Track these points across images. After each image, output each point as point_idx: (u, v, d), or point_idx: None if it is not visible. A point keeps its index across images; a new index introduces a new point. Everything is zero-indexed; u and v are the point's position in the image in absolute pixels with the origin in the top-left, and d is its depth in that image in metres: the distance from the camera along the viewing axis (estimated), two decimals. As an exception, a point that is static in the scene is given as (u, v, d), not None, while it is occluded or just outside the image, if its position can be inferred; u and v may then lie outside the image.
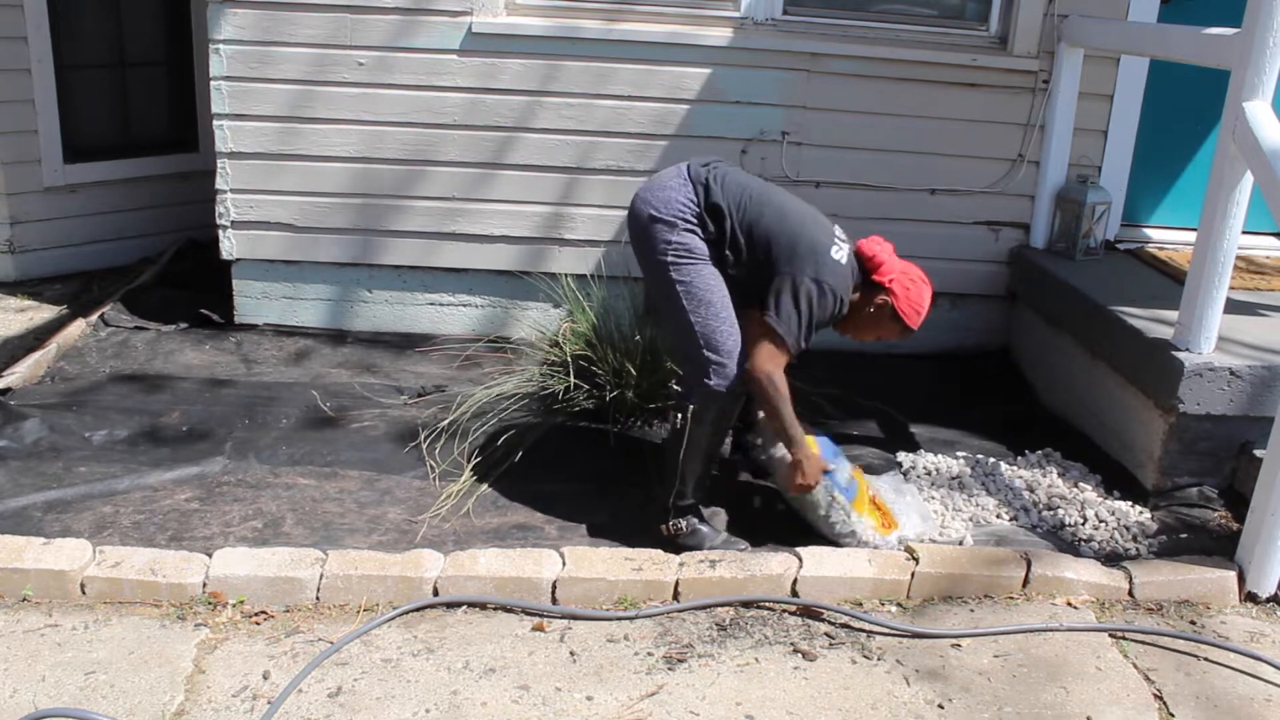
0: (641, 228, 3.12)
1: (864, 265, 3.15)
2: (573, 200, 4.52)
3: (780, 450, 3.18)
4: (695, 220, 3.08)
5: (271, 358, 4.40)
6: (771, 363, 3.00)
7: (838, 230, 3.16)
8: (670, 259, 3.06)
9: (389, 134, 4.44)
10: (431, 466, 3.57)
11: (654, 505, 3.23)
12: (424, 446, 3.68)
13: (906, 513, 3.33)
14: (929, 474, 3.68)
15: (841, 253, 3.08)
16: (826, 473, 3.15)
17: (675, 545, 3.13)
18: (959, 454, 3.83)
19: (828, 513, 3.17)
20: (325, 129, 4.42)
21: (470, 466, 3.55)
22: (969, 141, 4.56)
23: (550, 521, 3.33)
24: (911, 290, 3.14)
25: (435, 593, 2.90)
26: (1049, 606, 3.05)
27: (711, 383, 3.04)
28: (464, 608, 2.89)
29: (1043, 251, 4.60)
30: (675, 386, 3.69)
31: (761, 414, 3.21)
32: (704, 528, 3.20)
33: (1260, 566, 3.09)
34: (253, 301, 4.64)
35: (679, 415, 3.08)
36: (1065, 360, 4.20)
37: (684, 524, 3.17)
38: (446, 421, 3.76)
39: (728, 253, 3.09)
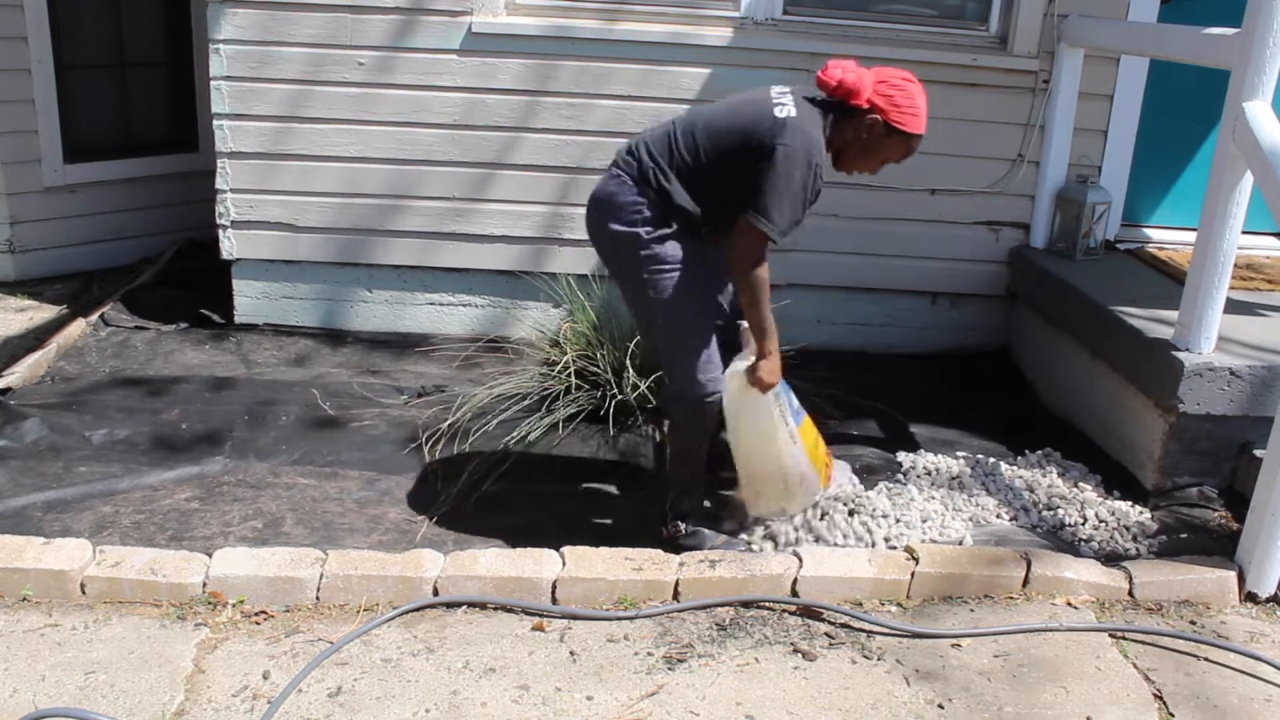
0: (608, 241, 2.99)
1: (835, 97, 2.85)
2: (573, 200, 4.52)
3: (738, 364, 3.04)
4: (658, 219, 2.92)
5: (271, 357, 4.40)
6: (751, 261, 2.81)
7: (775, 90, 2.88)
8: (645, 275, 2.94)
9: (389, 134, 4.44)
10: (432, 466, 3.57)
11: (654, 506, 3.22)
12: (424, 446, 3.68)
13: (840, 470, 3.38)
14: (929, 474, 3.68)
15: (787, 108, 2.78)
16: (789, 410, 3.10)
17: (676, 546, 3.13)
18: (959, 454, 3.83)
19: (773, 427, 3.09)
20: (325, 129, 4.42)
21: (470, 467, 3.55)
22: (969, 141, 4.56)
23: (550, 521, 3.33)
24: (898, 94, 2.83)
25: (435, 593, 2.90)
26: (1049, 606, 3.05)
27: (684, 391, 2.99)
28: (464, 607, 2.89)
29: (1043, 251, 4.60)
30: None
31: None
32: (704, 529, 3.19)
33: (1260, 566, 3.09)
34: (252, 301, 4.64)
35: (665, 421, 3.03)
36: (1065, 360, 4.20)
37: (683, 525, 3.17)
38: (447, 422, 3.77)
39: (699, 216, 2.90)
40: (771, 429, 3.11)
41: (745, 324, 2.99)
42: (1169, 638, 2.94)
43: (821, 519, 3.26)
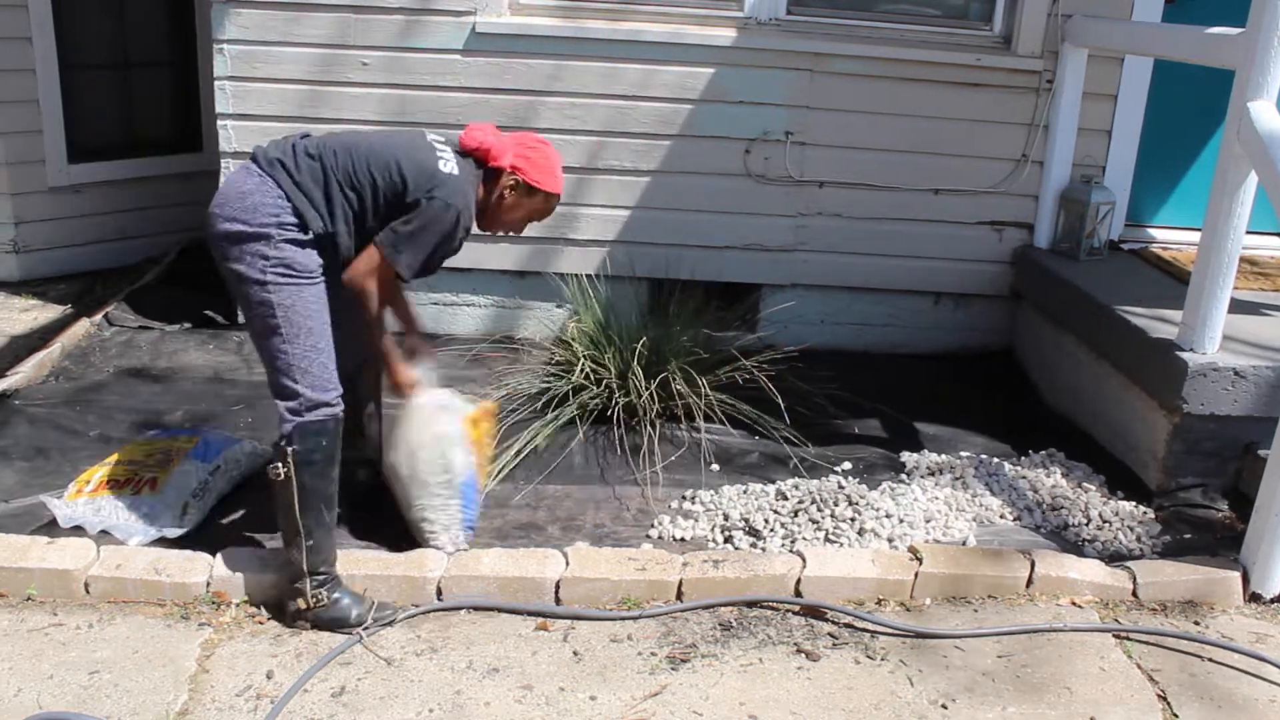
0: (227, 244, 2.70)
1: (477, 159, 2.89)
2: (577, 200, 4.52)
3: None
4: (294, 224, 2.70)
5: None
6: (369, 278, 2.76)
7: (436, 141, 2.88)
8: (270, 279, 2.68)
9: (393, 134, 4.44)
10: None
11: (289, 569, 2.79)
12: (312, 423, 3.64)
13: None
14: (932, 473, 3.68)
15: (450, 164, 2.80)
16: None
17: (312, 620, 2.77)
18: (962, 454, 3.83)
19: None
20: (329, 129, 4.40)
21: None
22: (973, 141, 4.55)
23: (553, 521, 3.33)
24: (534, 155, 2.90)
25: (439, 592, 2.90)
26: (1053, 606, 3.05)
27: (309, 417, 2.71)
28: (466, 608, 2.89)
29: (1047, 251, 4.60)
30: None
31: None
32: (346, 597, 2.80)
33: (1264, 567, 3.09)
34: (257, 301, 4.64)
35: (280, 465, 2.70)
36: (1069, 360, 4.20)
37: (325, 594, 2.77)
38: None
39: (340, 229, 2.75)
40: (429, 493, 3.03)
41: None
42: (1173, 638, 2.94)
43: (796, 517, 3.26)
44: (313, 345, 2.71)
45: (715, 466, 3.69)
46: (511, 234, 3.06)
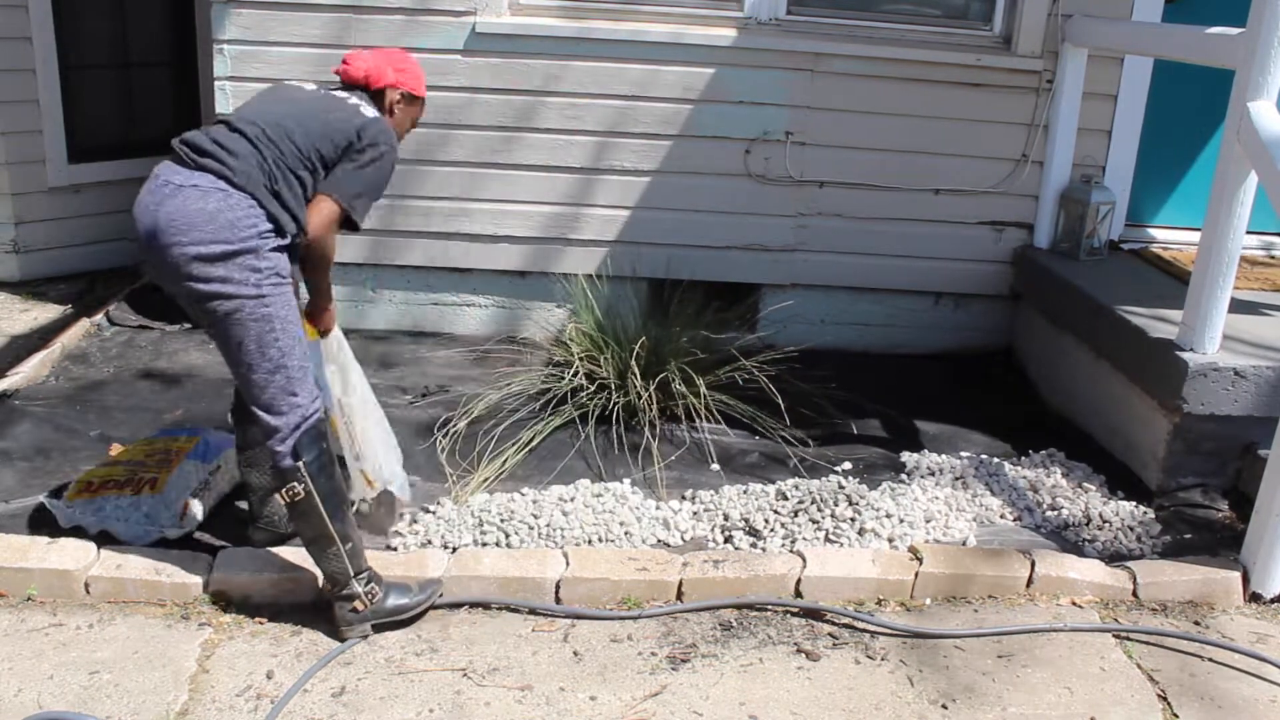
0: (203, 266, 2.52)
1: (363, 87, 2.89)
2: (578, 200, 4.52)
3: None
4: (271, 230, 2.59)
5: (275, 357, 4.39)
6: (330, 234, 2.71)
7: (335, 91, 2.86)
8: (266, 291, 2.57)
9: (393, 134, 4.44)
10: (435, 466, 3.57)
11: (332, 581, 2.72)
12: (428, 446, 3.68)
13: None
14: (932, 473, 3.68)
15: (365, 106, 2.80)
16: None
17: (372, 618, 2.74)
18: (963, 454, 3.83)
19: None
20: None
21: (475, 466, 3.55)
22: (973, 141, 4.55)
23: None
24: (407, 65, 2.95)
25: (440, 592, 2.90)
26: (1053, 607, 3.05)
27: (309, 423, 2.65)
28: (466, 607, 2.89)
29: (1047, 251, 4.60)
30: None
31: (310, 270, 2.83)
32: (392, 586, 2.79)
33: (1265, 567, 3.09)
34: (257, 301, 4.64)
35: (296, 484, 2.62)
36: (1069, 360, 4.20)
37: (376, 588, 2.75)
38: (452, 421, 3.77)
39: (301, 217, 2.67)
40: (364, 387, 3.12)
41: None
42: (1173, 638, 2.94)
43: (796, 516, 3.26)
44: (302, 350, 2.67)
45: (715, 466, 3.69)
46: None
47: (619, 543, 3.19)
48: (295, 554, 2.92)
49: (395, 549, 3.09)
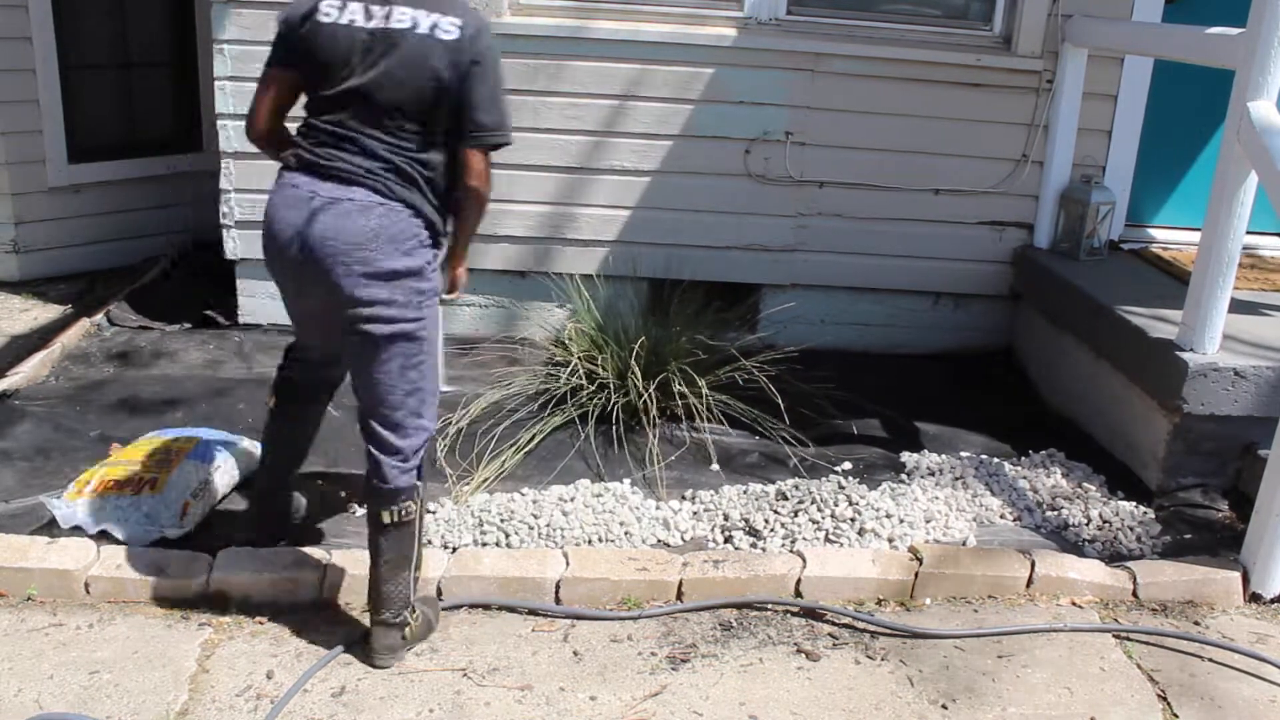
0: (377, 284, 2.41)
1: None
2: (577, 200, 4.52)
3: None
4: (430, 241, 2.52)
5: (275, 358, 4.38)
6: (489, 175, 2.59)
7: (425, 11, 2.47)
8: (425, 313, 2.49)
9: (393, 134, 4.44)
10: (434, 466, 3.57)
11: (394, 603, 2.62)
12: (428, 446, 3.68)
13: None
14: (932, 474, 3.68)
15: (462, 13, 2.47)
16: None
17: (413, 640, 2.69)
18: (962, 454, 3.83)
19: None
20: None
21: (474, 466, 3.55)
22: (973, 141, 4.55)
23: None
24: None
25: (439, 592, 2.90)
26: (1053, 607, 3.05)
27: (423, 450, 2.63)
28: (466, 607, 2.89)
29: (1047, 252, 4.60)
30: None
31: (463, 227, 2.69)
32: (423, 604, 2.74)
33: (1265, 567, 3.09)
34: (256, 301, 4.64)
35: (412, 504, 2.56)
36: (1069, 360, 4.20)
37: (418, 607, 2.69)
38: (451, 421, 3.76)
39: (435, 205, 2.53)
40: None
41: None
42: (1173, 638, 2.94)
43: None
44: (436, 370, 2.56)
45: (715, 466, 3.69)
46: None
47: (619, 543, 3.19)
48: (295, 554, 2.92)
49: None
